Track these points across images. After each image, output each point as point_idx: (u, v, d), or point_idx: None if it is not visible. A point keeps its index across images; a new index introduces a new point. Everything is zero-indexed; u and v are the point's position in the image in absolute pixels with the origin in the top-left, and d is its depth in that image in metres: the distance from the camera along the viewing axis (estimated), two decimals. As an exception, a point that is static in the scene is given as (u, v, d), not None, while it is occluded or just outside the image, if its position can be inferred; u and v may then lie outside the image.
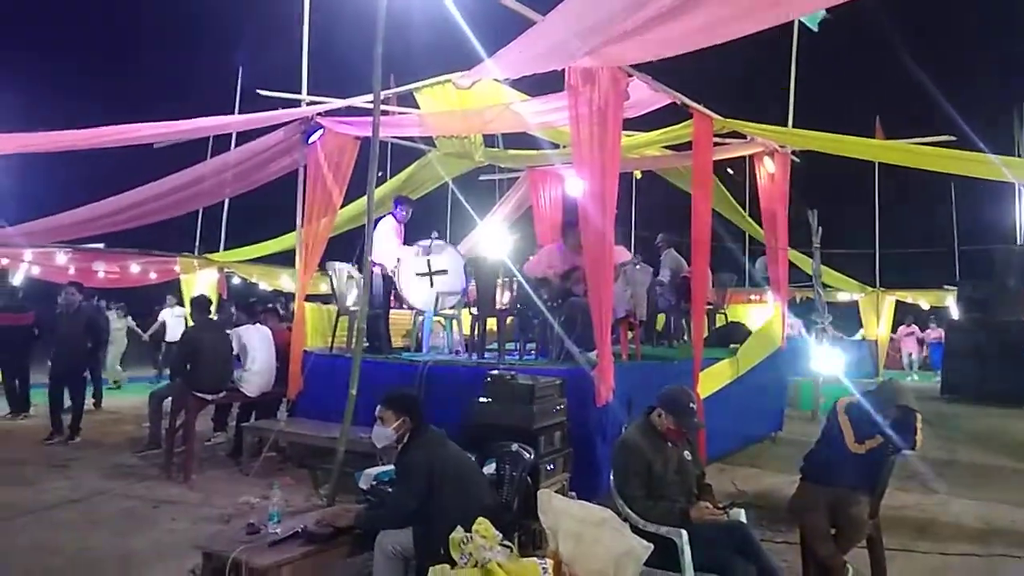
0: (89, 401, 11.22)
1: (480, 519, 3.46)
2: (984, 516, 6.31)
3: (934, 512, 6.38)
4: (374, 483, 4.52)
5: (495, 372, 5.78)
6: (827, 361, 12.18)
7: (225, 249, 15.34)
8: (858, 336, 21.00)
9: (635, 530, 3.64)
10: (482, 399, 5.58)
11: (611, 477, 4.10)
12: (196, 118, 7.76)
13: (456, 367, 7.16)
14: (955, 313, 19.15)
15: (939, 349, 21.68)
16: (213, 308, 11.83)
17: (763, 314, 12.69)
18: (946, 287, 19.43)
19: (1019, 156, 14.84)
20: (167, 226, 10.85)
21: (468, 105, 7.50)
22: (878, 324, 19.70)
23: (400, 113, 8.26)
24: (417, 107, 7.89)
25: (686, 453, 4.08)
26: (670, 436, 4.00)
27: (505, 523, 3.82)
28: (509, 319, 7.94)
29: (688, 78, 7.43)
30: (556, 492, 4.97)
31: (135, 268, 13.95)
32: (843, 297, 20.30)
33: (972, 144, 9.52)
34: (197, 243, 16.40)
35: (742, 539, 3.79)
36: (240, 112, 14.64)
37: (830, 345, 12.32)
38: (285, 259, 14.53)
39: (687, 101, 7.46)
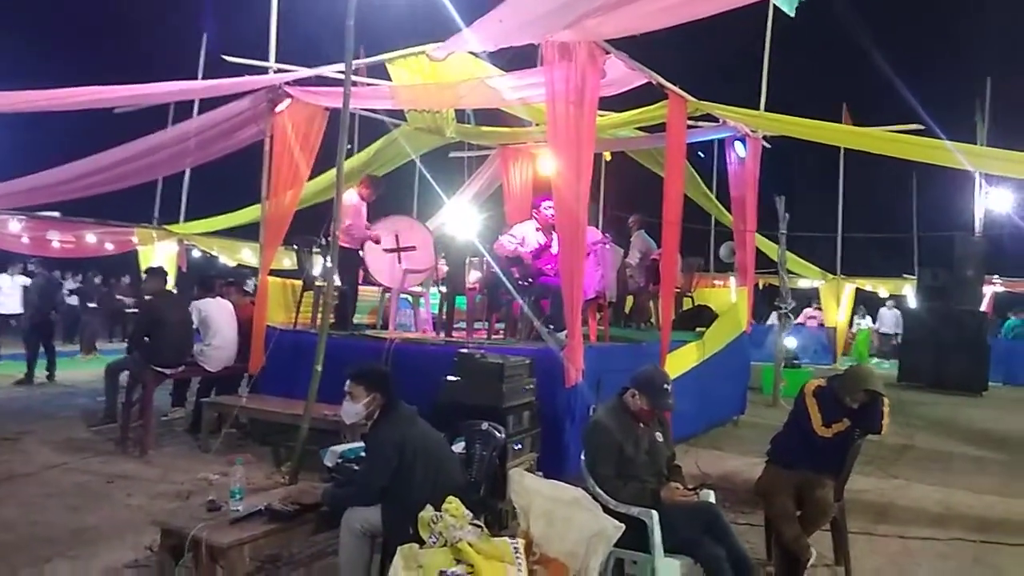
0: (42, 373, 10.99)
1: (450, 497, 3.39)
2: (943, 501, 6.42)
3: (893, 496, 6.47)
4: (340, 460, 4.42)
5: (464, 350, 5.71)
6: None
7: (185, 220, 14.96)
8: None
9: (605, 510, 3.60)
10: (451, 377, 5.50)
11: (582, 457, 4.05)
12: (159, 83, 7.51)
13: (424, 345, 7.06)
14: (912, 301, 19.57)
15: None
16: (171, 281, 11.61)
17: (726, 298, 12.77)
18: (905, 276, 19.78)
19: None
20: (125, 195, 10.50)
21: (441, 78, 7.35)
22: (838, 311, 19.97)
23: (370, 84, 8.08)
24: (388, 79, 7.72)
25: (657, 434, 4.04)
26: (642, 416, 3.96)
27: (473, 502, 3.76)
28: (478, 298, 7.86)
29: (659, 59, 7.35)
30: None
31: (91, 238, 13.49)
32: (803, 284, 20.53)
33: (937, 134, 9.66)
34: (156, 214, 16.00)
35: (712, 520, 3.78)
36: (205, 80, 14.29)
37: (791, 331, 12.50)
38: (246, 232, 14.22)
39: (663, 81, 7.40)
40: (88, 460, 6.58)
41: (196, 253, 16.37)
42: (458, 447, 4.39)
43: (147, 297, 7.67)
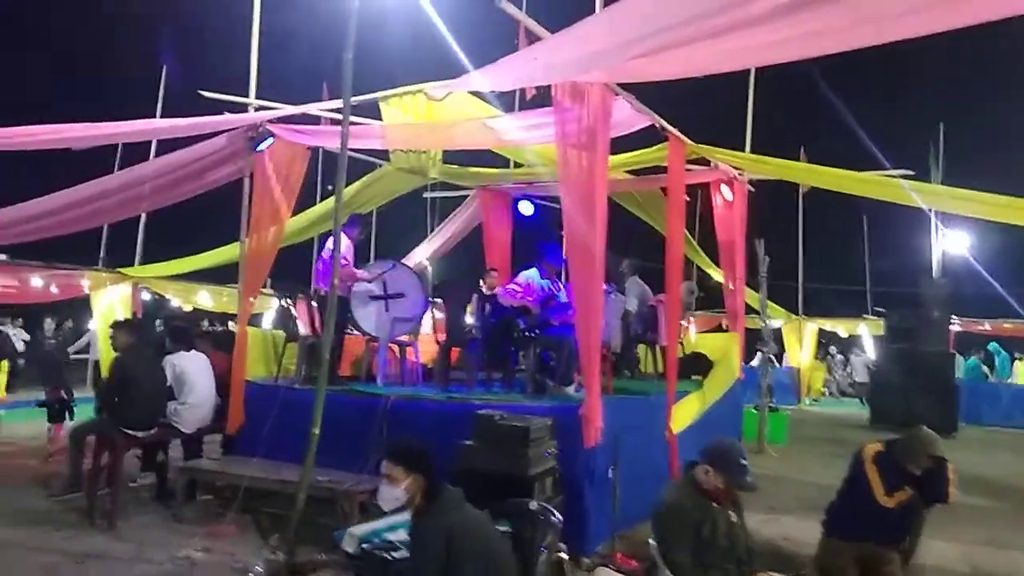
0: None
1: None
2: (967, 558, 6.19)
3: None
4: (364, 546, 3.93)
5: (482, 412, 5.25)
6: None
7: (142, 263, 14.14)
8: None
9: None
10: (468, 442, 5.05)
11: (651, 541, 3.64)
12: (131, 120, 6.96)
13: (423, 402, 6.57)
14: (868, 341, 19.91)
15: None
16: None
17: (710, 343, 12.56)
18: (865, 316, 20.12)
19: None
20: (73, 236, 9.75)
21: (436, 118, 7.01)
22: (800, 351, 20.11)
23: (359, 124, 7.66)
24: (374, 118, 7.34)
25: (731, 514, 3.66)
26: (717, 496, 3.58)
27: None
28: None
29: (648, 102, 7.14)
30: (547, 544, 4.49)
31: (37, 282, 12.52)
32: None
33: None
34: (102, 255, 15.17)
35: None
36: (164, 115, 13.72)
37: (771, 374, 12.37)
38: (202, 275, 13.53)
39: (664, 124, 7.21)
40: (51, 536, 5.84)
41: (146, 296, 15.51)
42: (501, 529, 3.94)
43: (116, 354, 6.94)
